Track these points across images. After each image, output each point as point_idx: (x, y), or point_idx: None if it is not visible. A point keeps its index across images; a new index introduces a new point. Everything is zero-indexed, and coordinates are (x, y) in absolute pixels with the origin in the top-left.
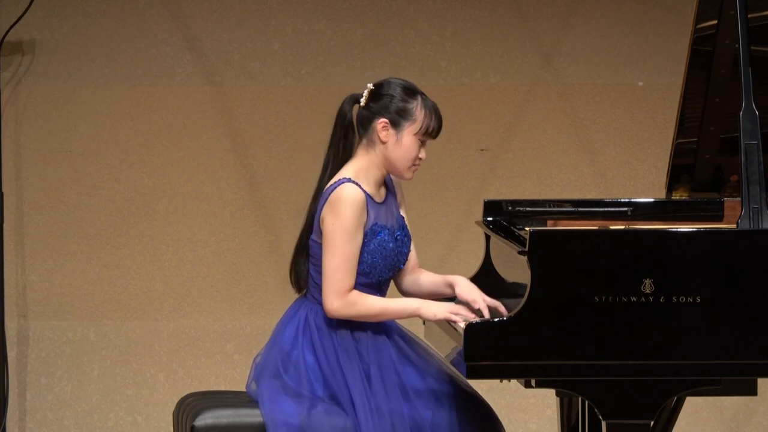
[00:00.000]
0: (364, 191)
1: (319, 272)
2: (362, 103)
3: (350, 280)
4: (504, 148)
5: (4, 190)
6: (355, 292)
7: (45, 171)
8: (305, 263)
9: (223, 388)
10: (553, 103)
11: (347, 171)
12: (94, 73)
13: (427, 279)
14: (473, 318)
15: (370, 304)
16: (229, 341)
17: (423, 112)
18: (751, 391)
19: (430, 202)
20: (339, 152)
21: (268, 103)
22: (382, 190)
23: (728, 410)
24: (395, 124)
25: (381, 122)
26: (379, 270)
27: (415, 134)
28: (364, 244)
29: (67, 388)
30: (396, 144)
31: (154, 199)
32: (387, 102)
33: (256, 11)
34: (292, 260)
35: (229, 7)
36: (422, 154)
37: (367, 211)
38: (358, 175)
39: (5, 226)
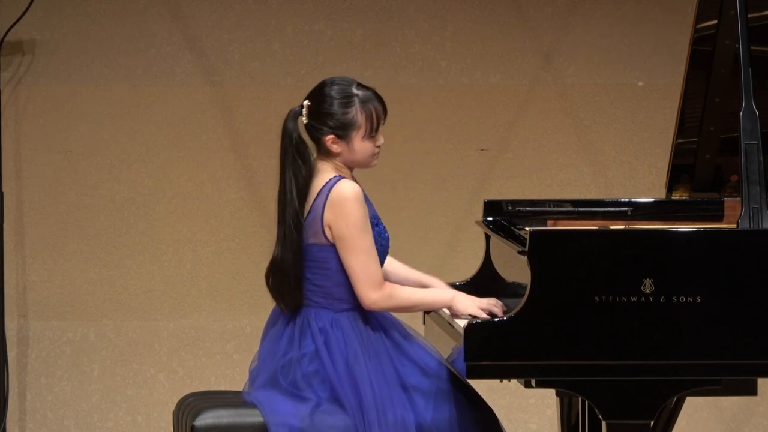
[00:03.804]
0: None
1: (322, 275)
2: (305, 121)
3: (379, 269)
4: (504, 148)
5: (4, 190)
6: (390, 284)
7: (45, 171)
8: (298, 281)
9: (223, 388)
10: (553, 103)
11: (329, 173)
12: (94, 73)
13: (399, 269)
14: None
15: (407, 296)
16: (229, 341)
17: (363, 114)
18: (751, 391)
19: (430, 202)
20: (300, 169)
21: (268, 103)
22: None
23: (728, 410)
24: (342, 137)
25: (328, 139)
26: (380, 259)
27: (363, 137)
28: None
29: (67, 388)
30: (350, 152)
31: (154, 199)
32: (326, 118)
33: (256, 11)
34: (273, 284)
35: (229, 7)
36: (379, 142)
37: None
38: (340, 173)
39: (5, 226)
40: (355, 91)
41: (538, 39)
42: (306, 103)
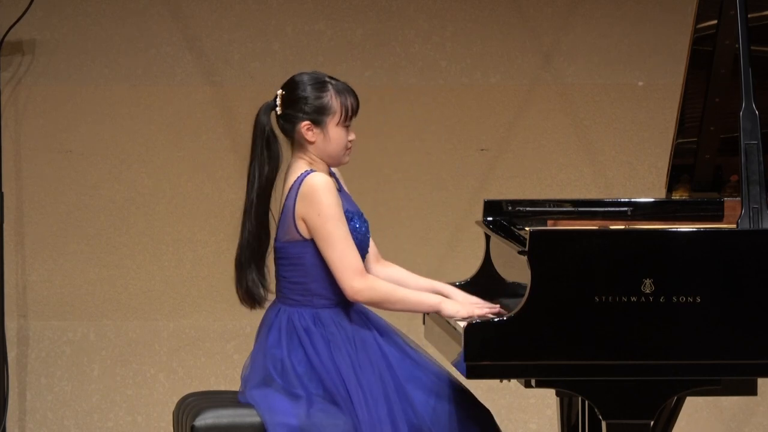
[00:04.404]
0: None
1: (298, 272)
2: (278, 111)
3: (359, 258)
4: (504, 148)
5: (4, 190)
6: (373, 277)
7: (45, 171)
8: (257, 275)
9: (223, 388)
10: (553, 103)
11: (302, 168)
12: (94, 73)
13: (413, 283)
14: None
15: (391, 290)
16: (229, 341)
17: (338, 100)
18: (751, 391)
19: (430, 202)
20: (265, 163)
21: None
22: (333, 180)
23: (728, 410)
24: (317, 123)
25: (304, 125)
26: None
27: (338, 124)
28: None
29: (67, 388)
30: (325, 140)
31: (154, 199)
32: (302, 104)
33: (256, 11)
34: (237, 278)
35: (229, 7)
36: (351, 137)
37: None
38: (313, 167)
39: (5, 226)
40: (328, 79)
41: (538, 39)
42: (280, 92)
